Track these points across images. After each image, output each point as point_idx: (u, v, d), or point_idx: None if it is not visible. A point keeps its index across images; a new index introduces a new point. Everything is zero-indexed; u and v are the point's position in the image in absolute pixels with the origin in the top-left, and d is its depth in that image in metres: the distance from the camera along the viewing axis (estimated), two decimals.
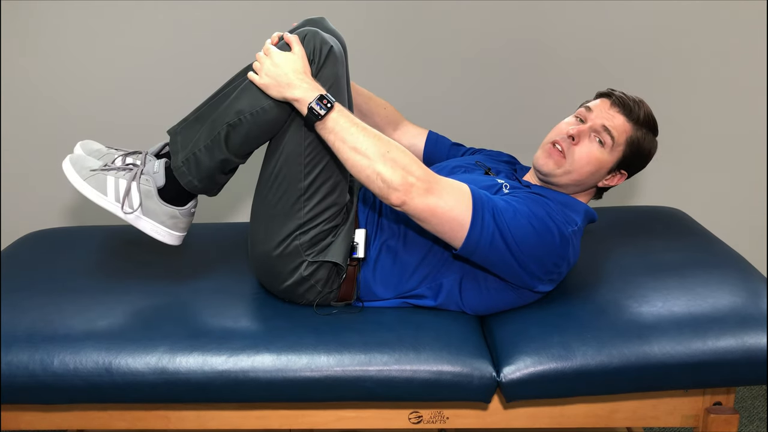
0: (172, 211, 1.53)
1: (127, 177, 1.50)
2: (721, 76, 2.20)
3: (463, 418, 1.45)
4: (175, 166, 1.51)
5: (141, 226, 1.52)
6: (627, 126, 1.52)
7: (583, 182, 1.54)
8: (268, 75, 1.40)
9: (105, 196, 1.50)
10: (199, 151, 1.48)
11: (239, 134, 1.46)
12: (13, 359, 1.37)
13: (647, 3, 2.14)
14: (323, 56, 1.43)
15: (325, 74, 1.44)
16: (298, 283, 1.50)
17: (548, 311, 1.47)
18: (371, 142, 1.34)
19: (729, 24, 2.15)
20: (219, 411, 1.45)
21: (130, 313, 1.50)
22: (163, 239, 1.55)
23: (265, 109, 1.43)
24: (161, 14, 2.13)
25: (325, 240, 1.50)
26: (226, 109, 1.46)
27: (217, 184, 1.54)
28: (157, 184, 1.51)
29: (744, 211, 2.32)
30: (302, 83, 1.38)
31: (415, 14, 2.14)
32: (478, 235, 1.35)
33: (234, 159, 1.49)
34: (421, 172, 1.34)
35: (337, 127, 1.36)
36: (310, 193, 1.47)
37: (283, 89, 1.39)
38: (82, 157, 1.54)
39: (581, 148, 1.51)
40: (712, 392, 1.45)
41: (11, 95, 2.18)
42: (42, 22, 2.12)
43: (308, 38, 1.44)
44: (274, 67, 1.39)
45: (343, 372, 1.36)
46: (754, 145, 2.26)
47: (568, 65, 2.19)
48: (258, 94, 1.43)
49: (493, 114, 2.24)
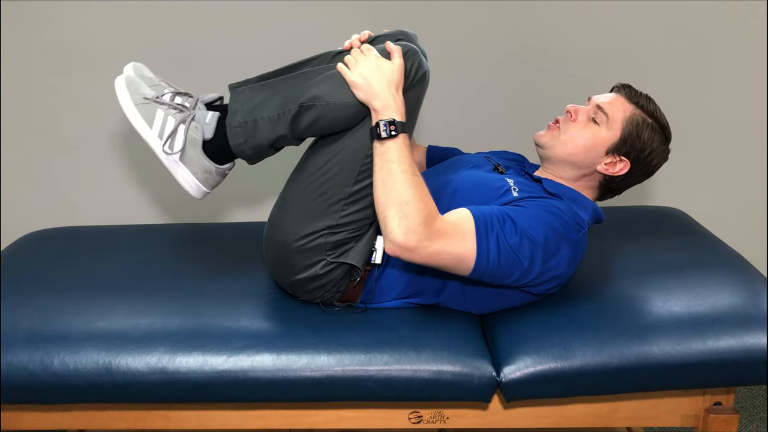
0: (209, 166, 1.49)
1: (177, 117, 1.46)
2: (721, 76, 2.20)
3: (463, 418, 1.45)
4: (230, 124, 1.46)
5: (173, 170, 1.47)
6: (626, 106, 1.53)
7: (578, 158, 1.53)
8: (362, 75, 1.38)
9: (150, 128, 1.45)
10: (261, 119, 1.45)
11: (308, 118, 1.43)
12: (13, 359, 1.37)
13: (648, 3, 2.14)
14: (416, 78, 1.43)
15: (410, 96, 1.43)
16: (310, 279, 1.49)
17: (548, 311, 1.47)
18: (400, 186, 1.33)
19: (729, 24, 2.15)
20: (219, 411, 1.45)
21: (130, 313, 1.50)
22: (190, 190, 1.49)
23: (345, 104, 1.42)
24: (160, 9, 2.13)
25: (349, 244, 1.49)
26: (302, 89, 1.44)
27: (262, 155, 1.51)
28: (205, 135, 1.47)
29: (744, 211, 2.32)
30: (388, 99, 1.37)
31: (415, 14, 2.14)
32: (484, 265, 1.35)
33: (292, 139, 1.47)
34: (427, 233, 1.31)
35: (385, 155, 1.36)
36: (353, 199, 1.46)
37: (369, 94, 1.38)
38: (137, 81, 1.48)
39: (577, 123, 1.55)
40: (712, 392, 1.45)
41: (11, 95, 2.18)
42: (42, 23, 2.12)
43: (408, 55, 1.42)
44: (372, 70, 1.38)
45: (343, 372, 1.36)
46: (754, 145, 2.26)
47: (568, 66, 2.19)
48: (341, 87, 1.41)
49: (494, 115, 2.24)
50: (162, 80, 1.53)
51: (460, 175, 1.57)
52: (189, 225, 2.01)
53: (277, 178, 1.89)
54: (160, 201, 2.32)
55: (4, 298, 1.54)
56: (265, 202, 2.33)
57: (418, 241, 1.30)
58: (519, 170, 1.63)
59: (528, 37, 2.17)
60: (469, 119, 2.24)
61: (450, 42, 2.17)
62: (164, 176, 2.29)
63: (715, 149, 2.27)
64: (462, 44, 2.17)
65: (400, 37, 1.51)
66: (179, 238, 1.90)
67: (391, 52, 1.41)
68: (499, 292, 1.48)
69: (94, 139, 2.24)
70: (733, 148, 2.27)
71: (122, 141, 2.25)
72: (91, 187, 2.29)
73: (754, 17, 2.15)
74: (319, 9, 2.13)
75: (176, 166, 1.47)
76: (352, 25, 2.11)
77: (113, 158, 2.26)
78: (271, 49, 2.15)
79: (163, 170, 1.87)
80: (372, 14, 2.14)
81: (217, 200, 2.32)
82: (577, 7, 2.14)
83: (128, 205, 2.32)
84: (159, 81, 1.52)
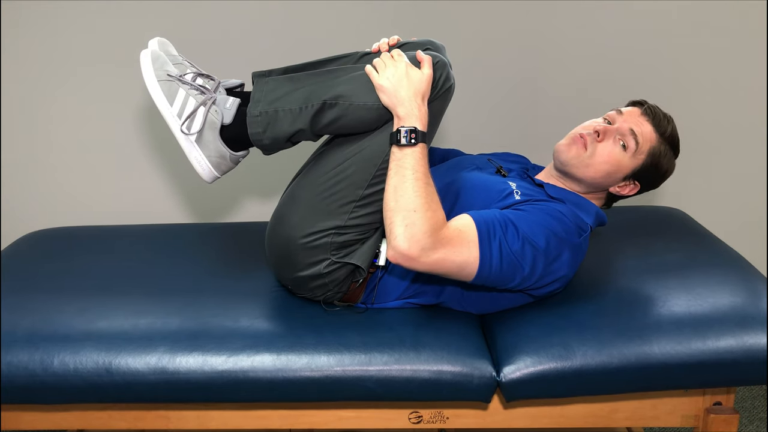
0: (224, 151, 1.49)
1: (199, 99, 1.46)
2: (721, 76, 2.20)
3: (463, 418, 1.45)
4: (251, 112, 1.46)
5: (188, 150, 1.47)
6: (653, 136, 1.52)
7: (597, 181, 1.53)
8: (389, 80, 1.38)
9: (170, 106, 1.45)
10: (282, 110, 1.45)
11: (330, 115, 1.43)
12: (13, 359, 1.37)
13: (648, 3, 2.14)
14: (442, 90, 1.43)
15: (434, 106, 1.43)
16: (312, 277, 1.49)
17: (548, 311, 1.47)
18: (411, 193, 1.33)
19: (729, 24, 2.15)
20: (219, 411, 1.45)
21: (130, 313, 1.50)
22: (202, 172, 1.49)
23: (368, 106, 1.42)
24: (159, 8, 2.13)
25: (354, 245, 1.49)
26: (327, 86, 1.44)
27: (279, 147, 1.51)
28: (224, 120, 1.47)
29: (744, 211, 2.32)
30: (413, 107, 1.37)
31: (416, 15, 2.14)
32: (487, 272, 1.35)
33: (310, 134, 1.47)
34: (432, 242, 1.30)
35: (402, 161, 1.36)
36: (364, 203, 1.45)
37: (394, 100, 1.38)
38: (163, 58, 1.48)
39: (604, 145, 1.51)
40: (712, 392, 1.45)
41: (11, 95, 2.18)
42: (42, 23, 2.12)
43: (438, 66, 1.42)
44: (400, 77, 1.38)
45: (343, 372, 1.36)
46: (754, 145, 2.26)
47: (572, 69, 2.19)
48: (366, 89, 1.41)
49: (497, 117, 2.24)
50: (185, 59, 1.52)
51: (462, 177, 1.57)
52: (189, 225, 2.01)
53: (278, 179, 1.89)
54: (160, 201, 2.32)
55: (4, 298, 1.54)
56: (265, 203, 2.33)
57: (421, 251, 1.30)
58: (521, 173, 1.63)
59: (532, 38, 2.17)
60: (470, 120, 2.24)
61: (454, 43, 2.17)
62: (164, 176, 2.29)
63: (716, 149, 2.27)
64: (465, 46, 2.17)
65: (429, 46, 1.51)
66: (179, 238, 1.90)
67: (421, 62, 1.41)
68: (498, 294, 1.48)
69: (95, 139, 2.24)
70: (733, 148, 2.27)
71: (123, 141, 2.25)
72: (91, 187, 2.28)
73: (754, 18, 2.14)
74: (320, 9, 2.13)
75: (191, 146, 1.47)
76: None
77: (114, 158, 2.26)
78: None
79: (162, 171, 1.88)
80: (370, 14, 2.14)
81: (218, 200, 2.32)
82: (583, 9, 2.14)
83: (128, 205, 2.31)
84: (182, 60, 1.52)
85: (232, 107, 1.47)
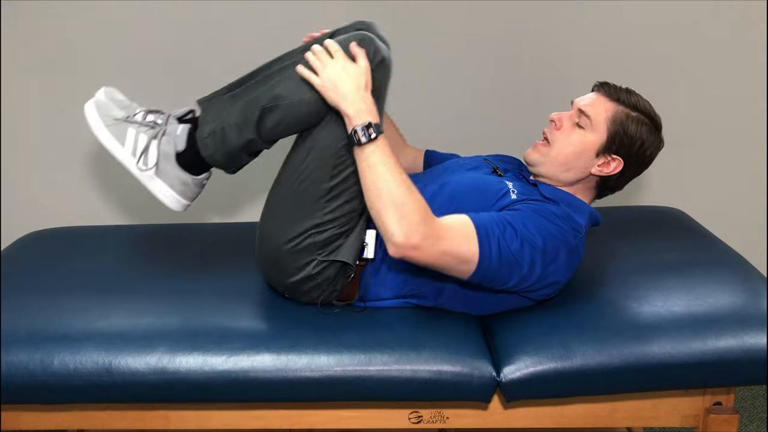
0: (185, 177, 1.51)
1: (149, 134, 1.47)
2: (721, 76, 2.20)
3: (463, 418, 1.45)
4: (200, 136, 1.48)
5: (151, 185, 1.50)
6: (608, 105, 1.52)
7: (571, 165, 1.53)
8: (329, 79, 1.37)
9: (122, 147, 1.47)
10: (228, 126, 1.46)
11: (273, 119, 1.44)
12: (13, 359, 1.37)
13: (648, 3, 2.14)
14: (374, 64, 1.42)
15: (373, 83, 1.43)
16: (304, 280, 1.50)
17: (548, 311, 1.47)
18: (392, 187, 1.32)
19: (729, 24, 2.15)
20: (219, 411, 1.45)
21: (130, 313, 1.50)
22: (169, 203, 1.52)
23: (305, 101, 1.42)
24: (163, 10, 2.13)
25: (338, 241, 1.49)
26: (264, 92, 1.45)
27: (237, 163, 1.52)
28: (177, 147, 1.48)
29: (744, 211, 2.32)
30: (359, 102, 1.36)
31: (417, 14, 2.14)
32: (483, 262, 1.35)
33: (261, 142, 1.48)
34: (427, 230, 1.31)
35: (370, 159, 1.34)
36: (332, 195, 1.46)
37: (339, 99, 1.37)
38: (107, 104, 1.50)
39: (561, 131, 1.54)
40: (712, 392, 1.45)
41: (11, 95, 2.18)
42: (42, 23, 2.12)
43: (364, 42, 1.42)
44: (338, 73, 1.37)
45: (343, 372, 1.36)
46: (754, 145, 2.26)
47: (567, 70, 2.19)
48: (301, 84, 1.42)
49: (491, 120, 2.24)
50: (134, 102, 1.55)
51: (458, 177, 1.57)
52: (189, 225, 2.01)
53: None
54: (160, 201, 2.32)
55: (4, 298, 1.54)
56: None
57: (422, 239, 1.30)
58: (517, 174, 1.63)
59: (526, 40, 2.17)
60: (466, 123, 2.24)
61: (446, 45, 2.17)
62: None
63: (715, 149, 2.27)
64: (459, 47, 2.17)
65: (360, 27, 1.51)
66: (180, 238, 1.90)
67: (355, 55, 1.40)
68: (497, 297, 1.48)
69: (95, 139, 2.23)
70: (733, 148, 2.27)
71: None
72: (91, 187, 2.28)
73: (754, 17, 2.14)
74: (320, 9, 2.13)
75: (152, 181, 1.50)
76: None
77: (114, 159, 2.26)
78: None
79: None
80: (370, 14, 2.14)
81: (218, 200, 2.32)
82: (577, 8, 2.14)
83: (128, 206, 2.31)
84: (130, 102, 1.54)
85: (183, 133, 1.49)
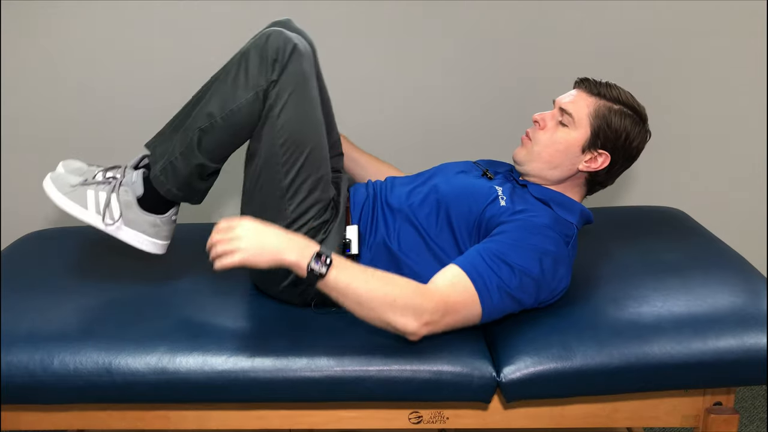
0: (152, 220, 1.53)
1: (107, 189, 1.51)
2: (721, 76, 2.20)
3: (463, 418, 1.45)
4: (153, 176, 1.52)
5: (123, 236, 1.53)
6: (589, 101, 1.53)
7: (557, 163, 1.54)
8: (249, 248, 1.29)
9: (86, 209, 1.51)
10: (175, 158, 1.49)
11: (212, 138, 1.47)
12: (13, 359, 1.37)
13: (648, 3, 2.14)
14: (287, 53, 1.43)
15: (291, 71, 1.44)
16: (294, 283, 1.50)
17: (548, 311, 1.46)
18: (374, 296, 1.28)
19: (729, 23, 2.15)
20: (219, 411, 1.45)
21: (130, 313, 1.50)
22: (147, 248, 1.55)
23: (234, 111, 1.44)
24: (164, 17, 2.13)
25: (316, 238, 1.50)
26: (197, 114, 1.47)
27: (197, 190, 1.55)
28: (136, 193, 1.52)
29: (744, 211, 2.32)
30: (292, 243, 1.30)
31: (418, 15, 2.14)
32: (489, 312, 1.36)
33: (210, 163, 1.50)
34: (431, 304, 1.29)
35: (338, 285, 1.29)
36: (291, 192, 1.47)
37: (274, 255, 1.29)
38: (63, 175, 1.55)
39: (545, 130, 1.56)
40: (712, 392, 1.45)
41: (11, 95, 2.18)
42: (43, 23, 2.12)
43: (272, 38, 1.43)
44: (249, 237, 1.30)
45: (343, 372, 1.36)
46: (754, 145, 2.26)
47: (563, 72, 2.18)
48: (228, 96, 1.44)
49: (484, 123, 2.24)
50: (93, 165, 1.58)
51: (447, 182, 1.58)
52: (189, 225, 2.01)
53: None
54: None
55: (4, 298, 1.54)
56: None
57: (432, 314, 1.29)
58: (507, 175, 1.64)
59: (523, 41, 2.17)
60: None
61: (448, 47, 2.17)
62: None
63: (716, 149, 2.27)
64: (455, 49, 2.18)
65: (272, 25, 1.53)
66: (180, 238, 1.89)
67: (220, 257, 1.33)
68: None
69: (95, 139, 2.23)
70: (733, 147, 2.27)
71: (123, 141, 2.24)
72: None
73: (754, 16, 2.14)
74: (318, 10, 2.13)
75: (122, 232, 1.53)
76: (348, 25, 2.12)
77: (114, 158, 2.26)
78: None
79: None
80: (369, 15, 2.14)
81: (218, 200, 2.32)
82: (576, 8, 2.14)
83: None
84: (89, 167, 1.58)
85: (138, 179, 1.52)
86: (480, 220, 1.48)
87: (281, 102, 1.44)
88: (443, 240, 1.51)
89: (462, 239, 1.50)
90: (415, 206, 1.55)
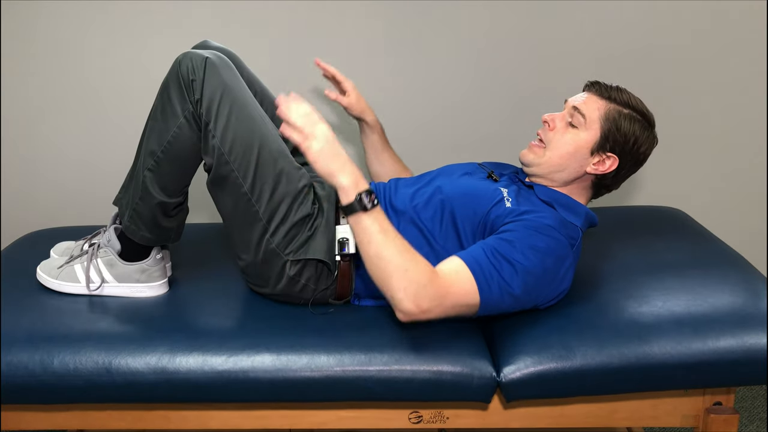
0: (139, 267, 1.57)
1: (87, 258, 1.57)
2: (721, 76, 2.20)
3: (463, 418, 1.45)
4: (124, 227, 1.55)
5: (120, 293, 1.58)
6: (599, 103, 1.53)
7: (565, 165, 1.54)
8: (323, 149, 1.29)
9: (79, 284, 1.57)
10: (136, 204, 1.52)
11: (160, 174, 1.49)
12: (13, 359, 1.37)
13: (647, 3, 2.14)
14: (202, 70, 1.44)
15: (212, 84, 1.44)
16: (289, 284, 1.50)
17: (548, 311, 1.46)
18: (394, 255, 1.26)
19: (729, 23, 2.15)
20: (219, 411, 1.45)
21: (130, 313, 1.51)
22: (146, 294, 1.58)
23: (172, 141, 1.46)
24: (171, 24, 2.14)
25: (301, 235, 1.50)
26: (143, 156, 1.50)
27: (167, 228, 1.56)
28: (115, 249, 1.56)
29: (744, 211, 2.32)
30: (353, 171, 1.29)
31: (417, 15, 2.14)
32: (486, 306, 1.35)
33: (168, 199, 1.51)
34: (432, 291, 1.28)
35: (371, 227, 1.27)
36: (256, 194, 1.47)
37: (334, 169, 1.28)
38: (50, 260, 1.63)
39: (556, 131, 1.56)
40: (712, 392, 1.45)
41: (11, 95, 2.18)
42: (44, 23, 2.12)
43: (183, 62, 1.44)
44: (326, 141, 1.29)
45: (343, 372, 1.36)
46: (753, 144, 2.26)
47: (564, 74, 2.19)
48: (162, 130, 1.46)
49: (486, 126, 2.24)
50: (80, 240, 1.66)
51: (452, 183, 1.57)
52: (189, 225, 2.00)
53: None
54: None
55: (4, 298, 1.54)
56: None
57: (431, 301, 1.27)
58: (512, 176, 1.63)
59: (529, 42, 2.17)
60: (457, 127, 2.24)
61: (436, 47, 2.17)
62: None
63: (715, 149, 2.27)
64: (460, 50, 2.18)
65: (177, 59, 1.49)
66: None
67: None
68: None
69: (94, 139, 2.24)
70: (733, 147, 2.27)
71: (122, 141, 2.24)
72: (91, 187, 2.28)
73: (753, 16, 2.14)
74: (316, 10, 2.13)
75: (118, 289, 1.58)
76: (349, 26, 2.12)
77: (113, 158, 2.26)
78: None
79: None
80: (368, 14, 2.14)
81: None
82: (576, 9, 2.14)
83: None
84: (75, 243, 1.67)
85: (112, 236, 1.57)
86: (485, 221, 1.47)
87: (213, 115, 1.44)
88: (447, 241, 1.50)
89: (467, 241, 1.49)
90: (420, 208, 1.54)
